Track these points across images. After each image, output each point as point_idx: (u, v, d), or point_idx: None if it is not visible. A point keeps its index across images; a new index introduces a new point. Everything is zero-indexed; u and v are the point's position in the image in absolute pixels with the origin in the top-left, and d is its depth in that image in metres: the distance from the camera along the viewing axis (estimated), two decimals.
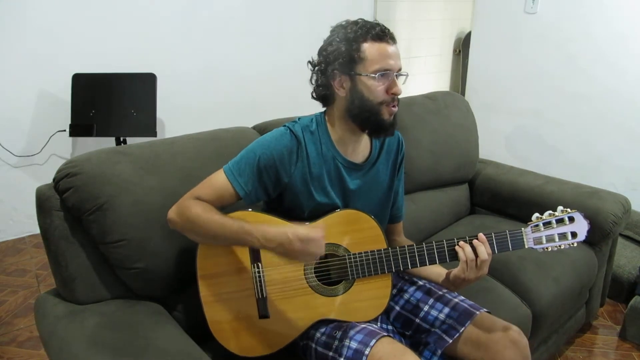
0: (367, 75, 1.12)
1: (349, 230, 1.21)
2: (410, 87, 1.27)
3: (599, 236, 1.81)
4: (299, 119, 1.25)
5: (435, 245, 1.17)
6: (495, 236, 1.16)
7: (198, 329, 1.28)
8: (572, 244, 1.16)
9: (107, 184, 1.19)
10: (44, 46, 2.72)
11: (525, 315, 1.53)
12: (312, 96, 1.24)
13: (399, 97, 1.18)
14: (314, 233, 1.07)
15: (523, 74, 2.83)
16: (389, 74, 1.13)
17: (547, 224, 1.16)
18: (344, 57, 1.12)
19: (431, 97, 2.05)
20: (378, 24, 1.14)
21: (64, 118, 2.65)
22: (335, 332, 1.17)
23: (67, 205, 1.19)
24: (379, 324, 1.26)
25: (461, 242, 1.15)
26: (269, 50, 3.52)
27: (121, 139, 2.67)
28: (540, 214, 1.17)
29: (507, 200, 2.02)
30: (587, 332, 2.10)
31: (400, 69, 1.15)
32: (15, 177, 2.83)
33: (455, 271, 1.20)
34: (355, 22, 1.15)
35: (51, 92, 2.79)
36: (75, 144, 2.98)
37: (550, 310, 1.61)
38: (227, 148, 1.38)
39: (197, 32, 3.20)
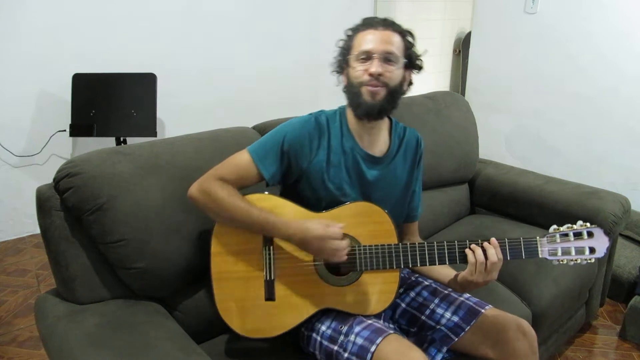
0: (351, 59, 1.20)
1: (361, 222, 1.21)
2: (410, 87, 1.28)
3: None
4: (322, 110, 1.29)
5: (447, 245, 1.16)
6: (508, 242, 1.15)
7: (198, 329, 1.28)
8: (590, 259, 1.13)
9: (107, 184, 1.19)
10: (44, 46, 2.72)
11: (525, 315, 1.53)
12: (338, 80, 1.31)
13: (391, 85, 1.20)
14: (330, 232, 1.10)
15: (523, 74, 2.83)
16: (370, 56, 1.17)
17: (564, 236, 1.14)
18: (343, 50, 1.24)
19: (431, 97, 2.05)
20: (381, 18, 1.22)
21: (64, 118, 2.65)
22: (341, 327, 1.17)
23: (67, 205, 1.20)
24: (381, 321, 1.26)
25: (472, 245, 1.14)
26: (269, 50, 3.52)
27: (121, 139, 2.67)
28: (559, 226, 1.15)
29: (507, 200, 2.02)
30: (587, 332, 2.10)
31: (386, 52, 1.17)
32: (15, 177, 2.83)
33: (463, 273, 1.19)
34: (364, 18, 1.24)
35: (51, 92, 2.79)
36: (75, 144, 2.98)
37: (550, 310, 1.62)
38: (227, 148, 1.38)
39: (197, 32, 3.20)
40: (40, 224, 1.23)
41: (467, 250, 1.14)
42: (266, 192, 1.22)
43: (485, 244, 1.14)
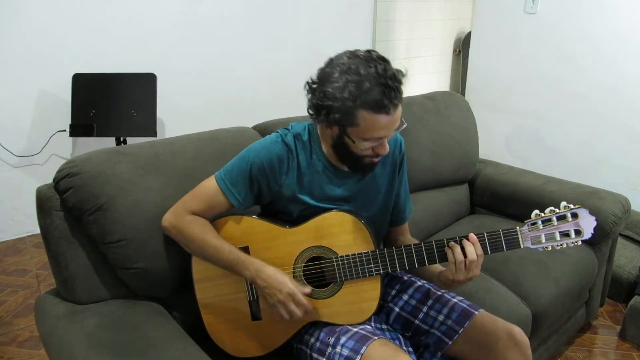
0: (355, 139, 1.09)
1: (336, 232, 1.19)
2: (410, 87, 1.24)
3: (599, 236, 1.80)
4: (291, 126, 1.24)
5: (424, 246, 1.14)
6: (487, 236, 1.11)
7: (198, 329, 1.28)
8: (576, 242, 1.07)
9: (107, 184, 1.19)
10: (44, 46, 2.72)
11: (525, 315, 1.53)
12: (308, 112, 1.16)
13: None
14: (303, 299, 1.13)
15: (523, 74, 2.83)
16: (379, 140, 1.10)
17: (547, 222, 1.08)
18: (336, 117, 1.06)
19: (431, 97, 2.05)
20: (386, 85, 1.02)
21: (64, 118, 2.65)
22: (329, 339, 1.17)
23: (67, 205, 1.20)
24: (372, 324, 1.26)
25: (451, 243, 1.11)
26: (269, 50, 3.52)
27: (121, 139, 2.67)
28: (541, 211, 1.10)
29: (507, 200, 2.02)
30: (587, 332, 2.10)
31: (395, 130, 1.10)
32: (15, 177, 2.83)
33: (445, 272, 1.17)
34: (359, 80, 1.02)
35: (51, 92, 2.79)
36: (75, 144, 2.98)
37: (550, 310, 1.62)
38: (227, 148, 1.38)
39: (197, 32, 3.20)
40: (40, 224, 1.23)
41: (446, 249, 1.12)
42: (243, 215, 1.22)
43: (464, 241, 1.10)
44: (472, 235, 1.11)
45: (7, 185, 2.82)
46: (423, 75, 4.58)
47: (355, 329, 1.17)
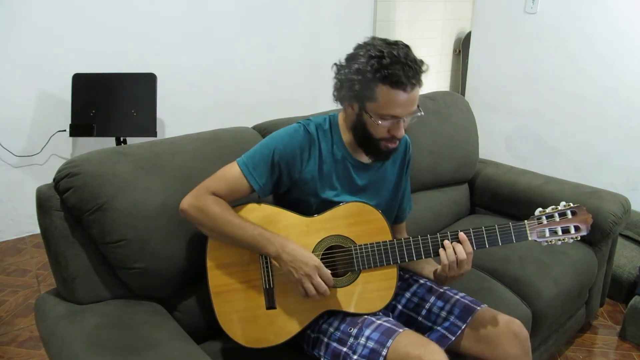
0: (372, 112, 1.13)
1: (354, 222, 1.22)
2: None
3: (599, 236, 1.81)
4: (312, 117, 1.28)
5: (440, 236, 1.21)
6: (499, 229, 1.19)
7: (198, 329, 1.28)
8: (576, 237, 1.18)
9: (107, 184, 1.19)
10: (44, 46, 2.72)
11: (525, 315, 1.53)
12: (334, 95, 1.23)
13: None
14: (328, 272, 1.15)
15: (523, 74, 2.83)
16: (395, 119, 1.14)
17: (550, 218, 1.19)
18: (357, 90, 1.12)
19: (431, 97, 2.05)
20: (406, 64, 1.09)
21: (64, 118, 2.65)
22: (350, 329, 1.18)
23: (67, 205, 1.20)
24: (391, 315, 1.28)
25: (445, 242, 1.18)
26: (269, 50, 3.52)
27: (121, 139, 2.67)
28: (544, 209, 1.20)
29: (507, 200, 2.02)
30: (587, 332, 2.10)
31: (411, 113, 1.15)
32: (15, 177, 2.83)
33: (439, 271, 1.24)
34: (381, 56, 1.09)
35: (51, 92, 2.79)
36: (75, 144, 2.98)
37: (550, 310, 1.62)
38: (227, 148, 1.39)
39: (197, 32, 3.20)
40: (40, 224, 1.23)
41: (440, 250, 1.19)
42: (261, 204, 1.22)
43: (454, 243, 1.18)
44: (461, 235, 1.19)
45: (7, 185, 2.82)
46: (423, 75, 4.58)
47: (379, 321, 1.18)
